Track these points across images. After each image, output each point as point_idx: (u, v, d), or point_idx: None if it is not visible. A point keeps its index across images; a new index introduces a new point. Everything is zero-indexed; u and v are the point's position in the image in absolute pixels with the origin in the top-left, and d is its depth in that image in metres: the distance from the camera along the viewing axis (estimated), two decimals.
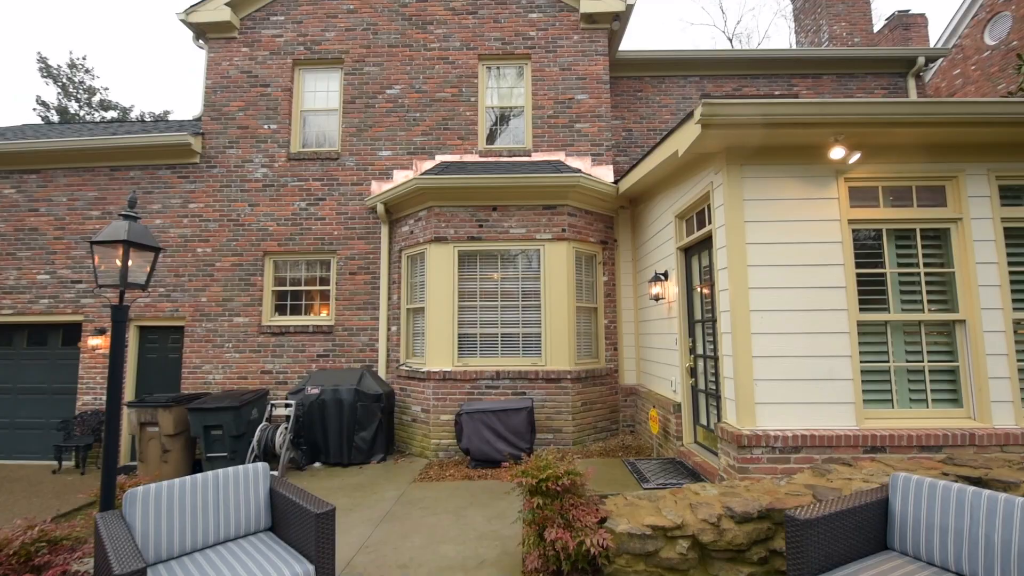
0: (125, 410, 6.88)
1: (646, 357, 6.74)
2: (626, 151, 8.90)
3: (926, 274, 4.09)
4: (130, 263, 3.01)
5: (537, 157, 7.59)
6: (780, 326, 3.95)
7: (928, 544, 2.28)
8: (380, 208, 7.12)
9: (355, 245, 7.47)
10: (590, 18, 7.71)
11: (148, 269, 3.21)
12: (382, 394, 6.38)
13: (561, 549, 2.77)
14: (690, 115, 3.93)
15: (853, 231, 4.11)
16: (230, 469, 2.81)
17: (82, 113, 20.05)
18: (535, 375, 6.37)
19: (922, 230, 4.13)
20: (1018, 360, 3.92)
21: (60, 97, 19.69)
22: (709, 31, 64.29)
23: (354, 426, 6.14)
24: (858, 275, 4.07)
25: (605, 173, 7.47)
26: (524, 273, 6.69)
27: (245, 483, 2.81)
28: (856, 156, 3.90)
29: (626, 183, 6.49)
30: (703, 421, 5.02)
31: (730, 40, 23.68)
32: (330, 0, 7.96)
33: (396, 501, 4.62)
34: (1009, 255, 4.03)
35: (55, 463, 7.15)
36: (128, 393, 7.43)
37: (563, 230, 6.64)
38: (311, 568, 2.39)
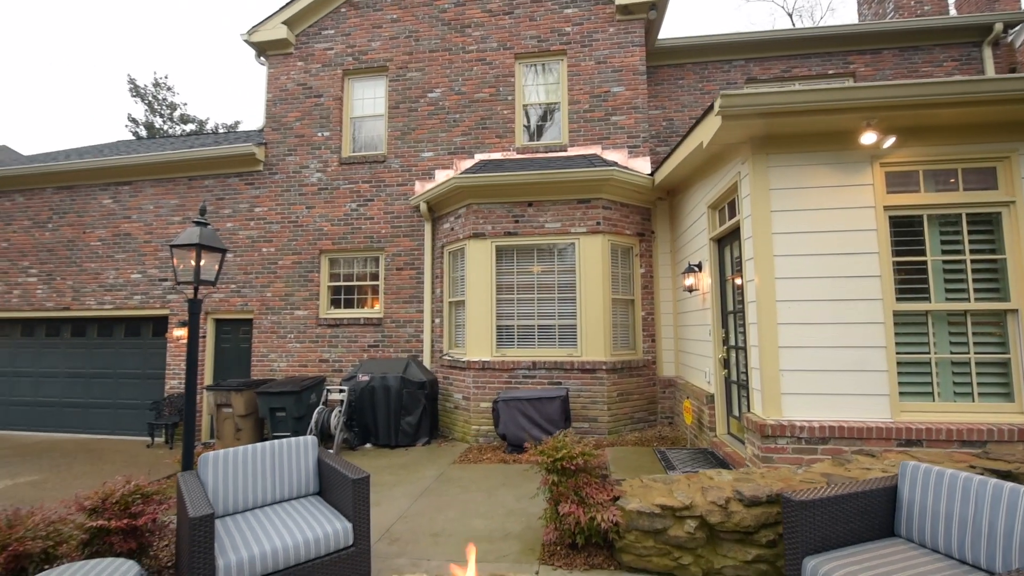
0: (204, 393, 7.75)
1: (684, 349, 6.73)
2: (667, 141, 8.78)
3: (973, 261, 3.89)
4: (202, 263, 3.50)
5: (573, 151, 7.70)
6: (808, 316, 3.91)
7: (934, 531, 2.29)
8: (423, 207, 7.53)
9: (401, 242, 7.93)
10: (626, 9, 7.69)
11: (217, 267, 3.71)
12: (426, 382, 6.80)
13: (574, 523, 2.98)
14: (711, 107, 3.95)
15: (890, 218, 3.97)
16: (284, 440, 3.24)
17: (165, 127, 22.14)
18: (570, 366, 6.55)
19: (969, 215, 3.92)
20: None
21: (147, 113, 21.86)
22: (767, 7, 60.44)
23: (400, 411, 6.60)
24: (895, 263, 3.94)
25: (642, 165, 7.47)
26: (560, 266, 6.86)
27: (297, 453, 3.23)
28: (890, 141, 3.77)
29: (660, 174, 6.48)
30: (735, 412, 5.01)
31: (790, 16, 22.33)
32: (375, 11, 8.44)
33: (435, 479, 4.99)
34: None
35: (148, 439, 8.16)
36: (207, 378, 8.33)
37: (598, 223, 6.74)
38: (349, 526, 2.75)
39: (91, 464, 6.95)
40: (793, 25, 22.60)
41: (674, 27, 54.55)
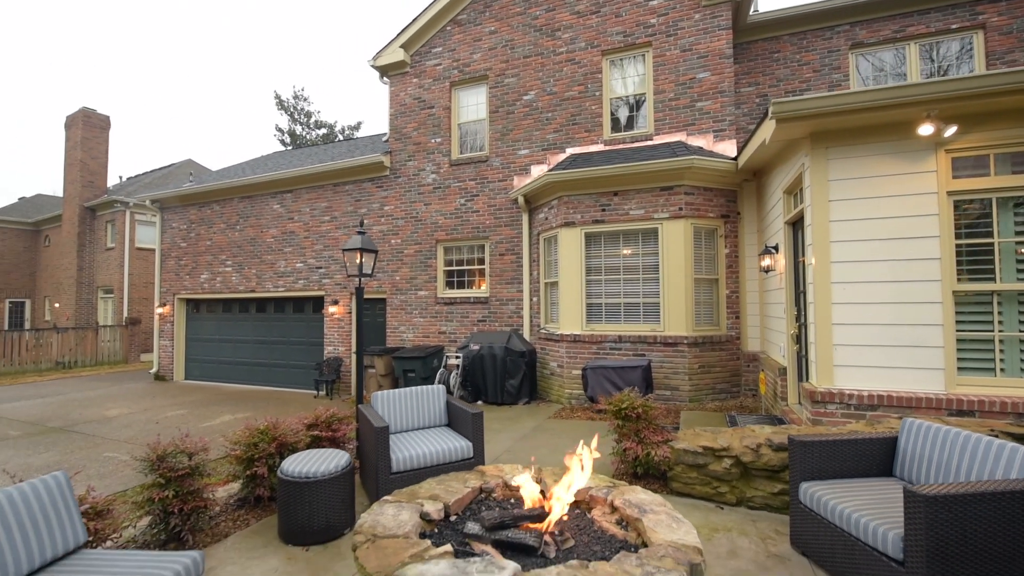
0: (353, 357, 9.76)
1: (767, 325, 7.07)
2: (760, 119, 8.79)
3: None
4: (364, 261, 4.92)
5: (658, 140, 8.19)
6: (862, 296, 4.29)
7: (918, 473, 2.84)
8: (520, 200, 8.60)
9: (502, 231, 9.12)
10: None
11: (372, 263, 5.13)
12: (526, 351, 7.98)
13: (633, 457, 3.91)
14: (766, 113, 4.41)
15: (955, 203, 4.15)
16: (423, 387, 4.59)
17: (304, 133, 25.78)
18: (653, 339, 7.27)
19: None
20: None
21: (290, 123, 25.62)
22: None
23: (504, 375, 7.87)
24: (959, 246, 4.13)
25: (728, 148, 7.74)
26: (644, 249, 7.52)
27: (432, 396, 4.56)
28: (952, 130, 3.96)
29: (742, 159, 6.80)
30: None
31: None
32: (476, 26, 9.53)
33: (532, 429, 6.16)
34: None
35: (314, 392, 10.48)
36: (353, 346, 10.39)
37: (680, 208, 7.27)
38: (469, 444, 3.98)
39: (279, 407, 9.27)
40: None
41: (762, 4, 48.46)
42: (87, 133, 19.84)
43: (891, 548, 2.30)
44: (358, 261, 4.94)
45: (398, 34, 9.88)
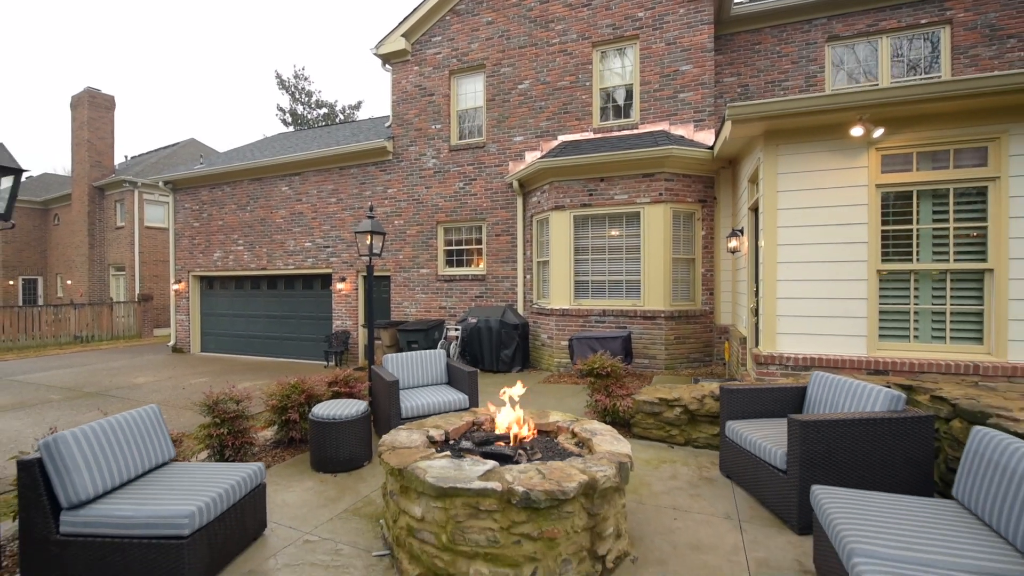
0: (360, 329, 10.55)
1: (737, 301, 7.81)
2: None
3: (956, 229, 4.65)
4: (374, 242, 5.62)
5: (643, 128, 8.79)
6: (802, 274, 5.01)
7: (816, 411, 3.62)
8: (515, 184, 9.24)
9: (498, 213, 9.78)
10: None
11: (381, 244, 5.84)
12: (519, 324, 8.74)
13: (602, 408, 4.69)
14: (724, 116, 5.05)
15: (882, 194, 4.83)
16: (428, 351, 5.35)
17: (304, 112, 26.09)
18: (634, 313, 8.03)
19: (956, 189, 4.64)
20: None
21: (291, 103, 25.91)
22: None
23: (499, 346, 8.65)
24: (884, 231, 4.83)
25: (707, 137, 8.34)
26: (627, 232, 8.21)
27: (434, 358, 5.34)
28: (880, 131, 4.61)
29: (716, 149, 7.42)
30: None
31: None
32: (473, 16, 10.00)
33: (524, 391, 6.95)
34: None
35: (324, 362, 11.29)
36: (359, 319, 11.17)
37: (660, 194, 7.93)
38: (466, 397, 4.77)
39: (293, 376, 10.07)
40: None
41: None
42: (93, 113, 20.24)
43: (778, 461, 3.09)
44: (368, 242, 5.63)
45: (399, 23, 10.34)
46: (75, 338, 17.05)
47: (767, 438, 3.32)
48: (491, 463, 2.62)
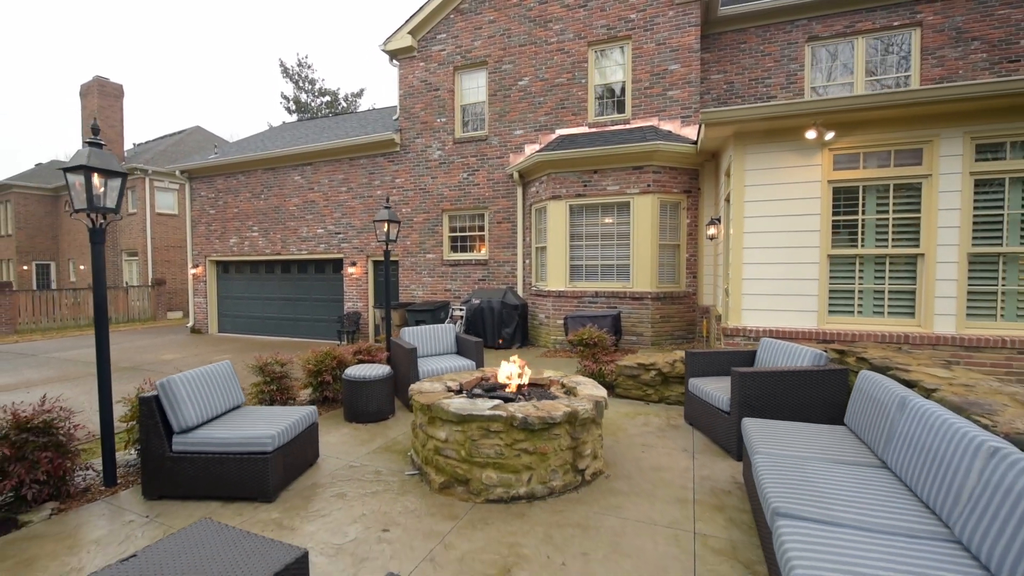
0: (372, 309, 11.34)
1: (717, 284, 8.59)
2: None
3: (894, 219, 5.40)
4: (390, 229, 6.38)
5: (634, 124, 9.47)
6: (764, 258, 5.78)
7: (761, 366, 4.43)
8: (515, 175, 9.95)
9: (500, 202, 10.50)
10: None
11: (396, 231, 6.59)
12: (519, 305, 9.53)
13: (589, 372, 5.50)
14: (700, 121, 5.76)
15: (833, 188, 5.57)
16: (438, 325, 6.14)
17: (308, 100, 26.54)
18: (624, 294, 8.81)
19: (895, 185, 5.39)
20: (969, 285, 5.14)
21: (295, 91, 26.35)
22: None
23: (501, 324, 9.45)
24: (835, 221, 5.58)
25: (693, 133, 9.03)
26: (618, 220, 8.95)
27: (445, 332, 6.14)
28: (831, 135, 5.34)
29: (699, 144, 8.13)
30: None
31: None
32: (476, 15, 10.59)
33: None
34: (976, 202, 5.11)
35: (336, 342, 12.10)
36: (370, 301, 11.96)
37: (648, 185, 8.66)
38: (473, 363, 5.57)
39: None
40: None
41: None
42: (103, 102, 20.74)
43: (724, 405, 3.90)
44: (385, 229, 6.39)
45: (406, 21, 10.93)
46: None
47: (719, 389, 4.13)
48: (498, 400, 3.42)
